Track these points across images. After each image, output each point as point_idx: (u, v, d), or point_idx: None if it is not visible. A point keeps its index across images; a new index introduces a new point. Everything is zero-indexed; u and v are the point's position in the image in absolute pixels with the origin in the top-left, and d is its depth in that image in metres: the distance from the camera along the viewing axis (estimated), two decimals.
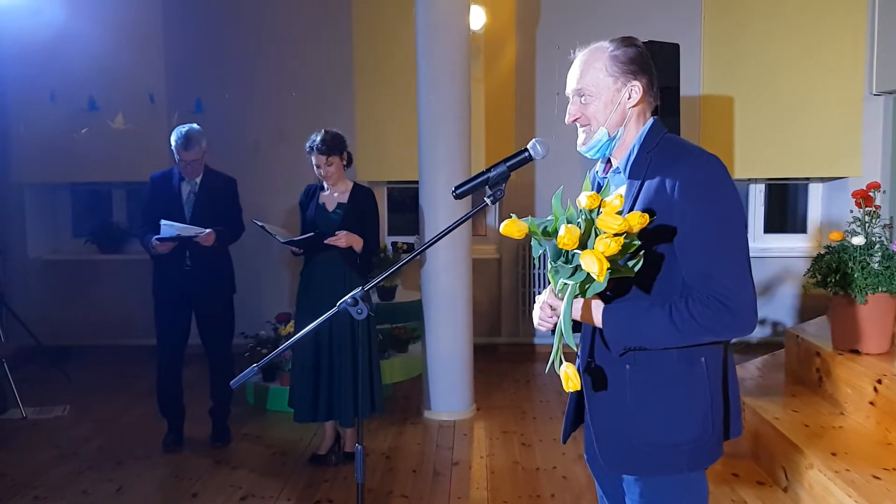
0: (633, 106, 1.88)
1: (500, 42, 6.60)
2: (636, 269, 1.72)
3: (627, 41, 1.89)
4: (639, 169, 1.85)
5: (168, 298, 4.37)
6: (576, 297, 1.78)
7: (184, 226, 4.20)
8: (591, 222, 1.71)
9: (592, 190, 1.95)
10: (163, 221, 4.16)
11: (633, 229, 1.68)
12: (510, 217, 1.77)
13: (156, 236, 4.17)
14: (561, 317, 1.77)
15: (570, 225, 1.69)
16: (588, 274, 1.69)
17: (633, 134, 1.90)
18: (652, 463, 1.86)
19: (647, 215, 1.70)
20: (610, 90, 1.87)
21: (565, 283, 1.77)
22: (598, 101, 1.88)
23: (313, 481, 4.02)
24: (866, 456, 3.47)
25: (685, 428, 1.83)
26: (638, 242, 1.71)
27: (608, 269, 1.65)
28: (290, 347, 2.29)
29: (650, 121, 1.91)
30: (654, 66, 1.93)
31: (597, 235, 1.69)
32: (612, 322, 1.81)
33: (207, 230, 4.20)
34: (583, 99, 1.90)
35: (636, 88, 1.86)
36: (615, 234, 1.65)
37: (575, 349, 1.78)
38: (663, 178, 1.78)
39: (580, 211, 1.73)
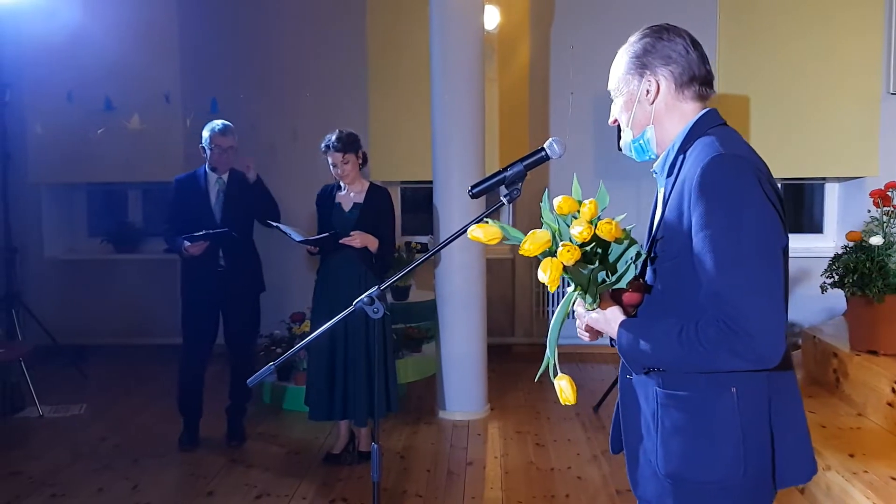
0: (654, 102, 1.72)
1: (514, 42, 6.59)
2: (623, 282, 1.61)
3: (647, 31, 1.75)
4: (673, 169, 1.70)
5: (199, 298, 4.35)
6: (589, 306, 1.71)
7: (208, 232, 4.21)
8: (557, 228, 1.62)
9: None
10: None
11: (604, 236, 1.56)
12: (484, 221, 1.66)
13: (185, 237, 4.17)
14: (550, 324, 1.69)
15: (537, 231, 1.60)
16: (589, 280, 1.61)
17: (675, 131, 1.72)
18: (674, 498, 1.67)
19: (616, 223, 1.57)
20: (630, 88, 1.74)
21: (567, 291, 1.70)
22: (621, 101, 1.78)
23: (328, 480, 4.03)
24: (885, 457, 3.45)
25: (710, 466, 1.61)
26: (634, 251, 1.61)
27: (565, 276, 1.56)
28: (306, 347, 2.31)
29: (700, 114, 1.71)
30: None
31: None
32: (625, 337, 1.65)
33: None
34: (614, 99, 1.81)
35: (653, 83, 1.71)
36: (579, 244, 1.56)
37: (554, 360, 1.65)
38: (685, 181, 1.62)
39: (555, 216, 1.62)
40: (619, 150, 1.86)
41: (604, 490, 3.83)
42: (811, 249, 6.64)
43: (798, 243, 6.74)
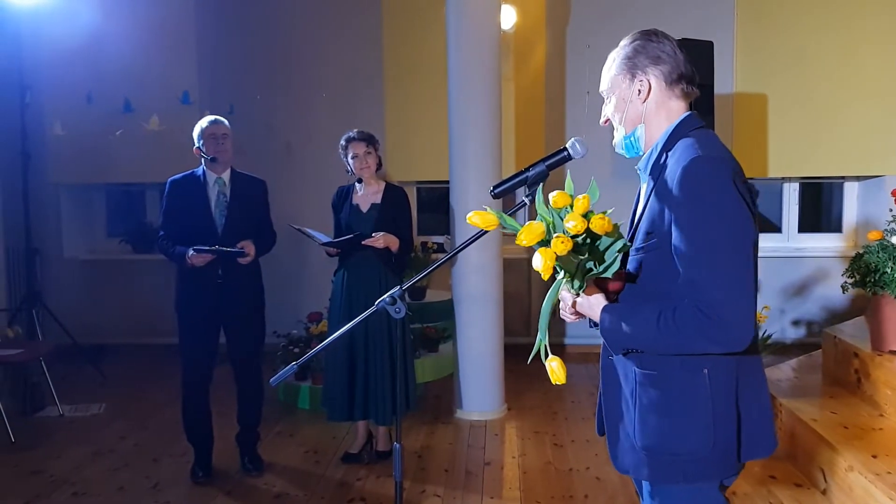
0: (646, 101, 1.83)
1: (530, 41, 6.58)
2: (610, 272, 1.72)
3: (638, 35, 1.85)
4: (657, 168, 1.81)
5: (198, 315, 3.96)
6: (578, 292, 1.82)
7: (221, 248, 3.84)
8: (552, 221, 1.73)
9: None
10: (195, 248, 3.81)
11: (596, 230, 1.67)
12: (483, 209, 1.78)
13: (194, 247, 3.79)
14: (542, 309, 1.82)
15: (533, 222, 1.71)
16: (577, 268, 1.73)
17: (661, 129, 1.84)
18: (649, 468, 1.82)
19: (608, 218, 1.69)
20: (621, 88, 1.86)
21: (556, 278, 1.80)
22: (614, 101, 1.89)
23: (346, 480, 4.04)
24: None
25: (682, 439, 1.77)
26: (620, 244, 1.71)
27: (557, 266, 1.70)
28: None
29: (682, 117, 1.83)
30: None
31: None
32: (607, 321, 1.78)
33: (245, 244, 3.89)
34: (606, 99, 1.92)
35: (644, 83, 1.82)
36: (572, 236, 1.67)
37: (546, 342, 1.78)
38: (666, 179, 1.73)
39: (549, 209, 1.74)
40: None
41: (622, 490, 3.82)
42: (829, 249, 6.59)
43: (817, 243, 6.70)
